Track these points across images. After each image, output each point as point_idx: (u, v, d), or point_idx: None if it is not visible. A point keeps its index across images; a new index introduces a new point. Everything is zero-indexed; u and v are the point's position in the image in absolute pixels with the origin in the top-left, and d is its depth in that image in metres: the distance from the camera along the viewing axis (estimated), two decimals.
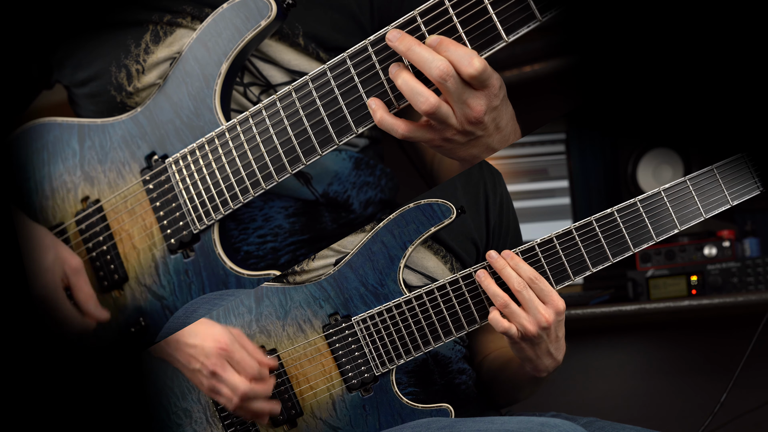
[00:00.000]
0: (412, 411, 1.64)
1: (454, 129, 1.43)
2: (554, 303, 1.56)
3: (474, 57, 1.37)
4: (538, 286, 1.56)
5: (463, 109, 1.40)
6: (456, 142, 1.45)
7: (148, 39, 1.62)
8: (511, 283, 1.56)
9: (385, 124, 1.44)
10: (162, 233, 1.60)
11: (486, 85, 1.39)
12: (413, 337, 1.62)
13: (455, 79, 1.37)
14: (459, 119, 1.41)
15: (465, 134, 1.44)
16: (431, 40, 1.38)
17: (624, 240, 1.58)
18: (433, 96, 1.39)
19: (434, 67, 1.37)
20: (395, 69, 1.41)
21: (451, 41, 1.38)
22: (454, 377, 1.74)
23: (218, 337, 1.58)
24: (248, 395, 1.58)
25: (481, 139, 1.46)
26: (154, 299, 1.62)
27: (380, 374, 1.64)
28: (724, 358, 2.59)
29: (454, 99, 1.40)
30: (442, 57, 1.37)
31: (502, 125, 1.47)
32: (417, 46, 1.39)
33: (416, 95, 1.40)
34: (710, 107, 1.42)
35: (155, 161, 1.60)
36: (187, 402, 1.66)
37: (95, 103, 1.66)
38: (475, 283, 1.60)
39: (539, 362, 1.60)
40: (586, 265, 1.59)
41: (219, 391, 1.58)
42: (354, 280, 1.64)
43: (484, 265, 1.60)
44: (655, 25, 1.39)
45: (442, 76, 1.37)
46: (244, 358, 1.58)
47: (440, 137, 1.45)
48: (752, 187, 1.56)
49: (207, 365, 1.57)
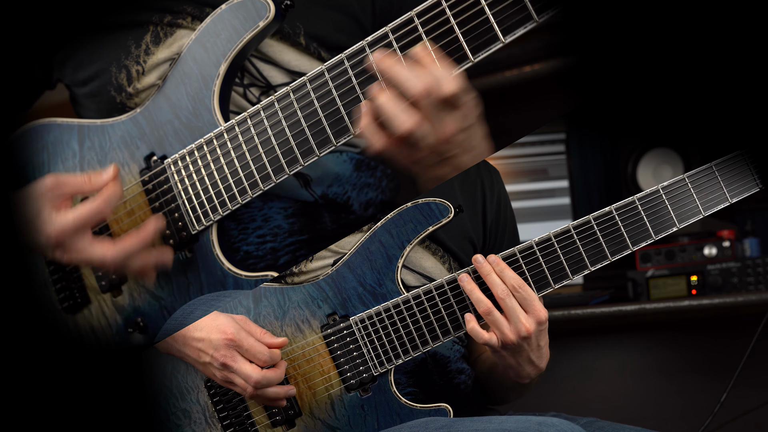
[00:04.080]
0: (410, 411, 1.63)
1: (427, 148, 1.45)
2: (536, 313, 1.56)
3: (450, 77, 1.39)
4: (521, 294, 1.56)
5: (438, 127, 1.42)
6: (426, 162, 1.48)
7: (148, 40, 1.62)
8: (495, 290, 1.56)
9: (368, 132, 1.45)
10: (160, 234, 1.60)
11: (461, 104, 1.41)
12: (411, 337, 1.62)
13: (432, 99, 1.40)
14: (434, 138, 1.43)
15: (436, 154, 1.46)
16: (410, 58, 1.40)
17: (623, 238, 1.58)
18: (412, 116, 1.41)
19: (411, 86, 1.39)
20: (376, 89, 1.43)
21: (430, 60, 1.40)
22: (453, 377, 1.74)
23: (223, 328, 1.58)
24: (261, 383, 1.58)
25: (453, 158, 1.48)
26: (152, 300, 1.62)
27: (379, 374, 1.64)
28: (724, 358, 2.59)
29: (431, 117, 1.41)
30: (419, 76, 1.39)
31: (475, 144, 1.49)
32: (396, 65, 1.41)
33: (396, 116, 1.41)
34: (710, 106, 1.42)
35: (154, 162, 1.60)
36: (186, 403, 1.66)
37: (95, 102, 1.66)
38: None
39: (521, 369, 1.61)
40: (585, 264, 1.59)
41: (233, 382, 1.59)
42: (352, 280, 1.64)
43: (468, 270, 1.60)
44: (655, 25, 1.39)
45: (420, 95, 1.39)
46: (252, 345, 1.58)
47: (411, 156, 1.47)
48: (751, 185, 1.56)
49: (217, 357, 1.57)
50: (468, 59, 1.40)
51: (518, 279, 1.56)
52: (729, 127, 1.44)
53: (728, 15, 1.33)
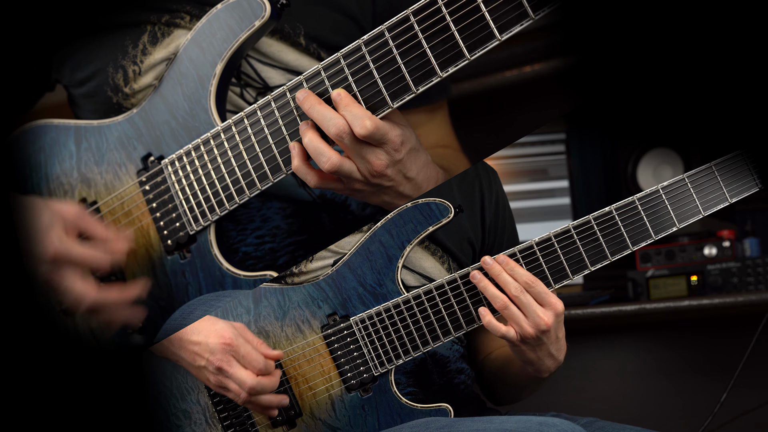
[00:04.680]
0: (411, 411, 1.63)
1: (360, 182, 1.48)
2: (553, 305, 1.56)
3: (366, 118, 1.42)
4: (535, 289, 1.56)
5: (364, 164, 1.46)
6: (365, 192, 1.52)
7: (145, 40, 1.62)
8: (508, 289, 1.56)
9: (301, 171, 1.49)
10: (159, 234, 1.60)
11: (383, 141, 1.44)
12: (412, 337, 1.62)
13: (350, 137, 1.43)
14: (362, 173, 1.47)
15: (372, 185, 1.50)
16: (333, 96, 1.44)
17: (623, 238, 1.58)
18: (335, 155, 1.45)
19: (331, 125, 1.43)
20: (304, 127, 1.47)
21: (350, 99, 1.44)
22: (452, 377, 1.73)
23: (222, 333, 1.58)
24: (256, 389, 1.58)
25: (391, 188, 1.51)
26: (151, 301, 1.62)
27: (379, 374, 1.64)
28: (724, 358, 2.59)
29: (354, 155, 1.45)
30: (339, 115, 1.43)
31: (412, 175, 1.52)
32: (318, 104, 1.45)
33: (319, 155, 1.46)
34: (709, 106, 1.42)
35: (151, 162, 1.60)
36: (187, 403, 1.66)
37: (92, 103, 1.66)
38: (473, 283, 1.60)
39: (541, 364, 1.60)
40: (585, 264, 1.59)
41: (226, 387, 1.59)
42: (352, 280, 1.64)
43: (477, 267, 1.60)
44: (655, 25, 1.39)
45: (339, 134, 1.43)
46: (249, 352, 1.58)
47: (348, 188, 1.51)
48: (751, 185, 1.56)
49: (212, 361, 1.58)
50: (464, 57, 1.39)
51: (530, 275, 1.56)
52: (729, 127, 1.44)
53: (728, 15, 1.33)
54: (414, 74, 1.43)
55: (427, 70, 1.42)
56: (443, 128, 1.85)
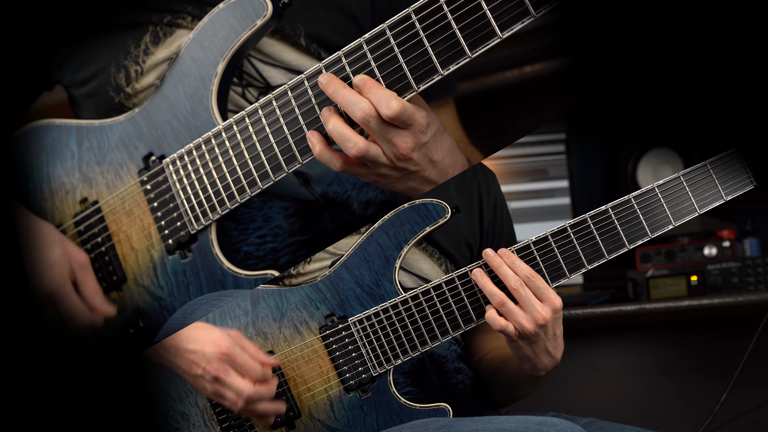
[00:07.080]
0: (410, 411, 1.63)
1: (386, 166, 1.47)
2: (551, 300, 1.56)
3: (392, 99, 1.41)
4: (534, 284, 1.56)
5: (390, 147, 1.45)
6: (391, 177, 1.50)
7: (147, 40, 1.62)
8: (507, 281, 1.56)
9: (324, 157, 1.48)
10: (160, 234, 1.61)
11: (409, 123, 1.43)
12: (410, 337, 1.62)
13: (377, 120, 1.42)
14: (388, 157, 1.46)
15: (398, 170, 1.48)
16: (356, 81, 1.43)
17: (619, 236, 1.58)
18: (361, 140, 1.44)
19: (357, 109, 1.42)
20: (326, 113, 1.46)
21: (374, 83, 1.42)
22: (450, 377, 1.74)
23: (218, 341, 1.58)
24: (253, 398, 1.59)
25: (417, 173, 1.50)
26: (152, 300, 1.62)
27: (378, 375, 1.64)
28: (724, 358, 2.59)
29: (380, 139, 1.44)
30: (365, 99, 1.42)
31: (437, 159, 1.51)
32: (342, 88, 1.44)
33: (345, 140, 1.44)
34: (708, 105, 1.43)
35: (153, 162, 1.60)
36: (185, 405, 1.66)
37: (94, 103, 1.66)
38: (471, 282, 1.60)
39: (538, 361, 1.61)
40: (582, 262, 1.59)
41: (223, 395, 1.59)
42: (350, 281, 1.64)
43: (480, 264, 1.60)
44: (655, 26, 1.40)
45: (365, 117, 1.42)
46: (246, 360, 1.58)
47: (374, 173, 1.49)
48: (746, 182, 1.57)
49: (209, 370, 1.58)
50: (465, 55, 1.40)
51: (530, 269, 1.57)
52: (728, 127, 1.44)
53: (727, 15, 1.33)
54: (415, 72, 1.43)
55: (428, 69, 1.42)
56: (451, 123, 1.85)
